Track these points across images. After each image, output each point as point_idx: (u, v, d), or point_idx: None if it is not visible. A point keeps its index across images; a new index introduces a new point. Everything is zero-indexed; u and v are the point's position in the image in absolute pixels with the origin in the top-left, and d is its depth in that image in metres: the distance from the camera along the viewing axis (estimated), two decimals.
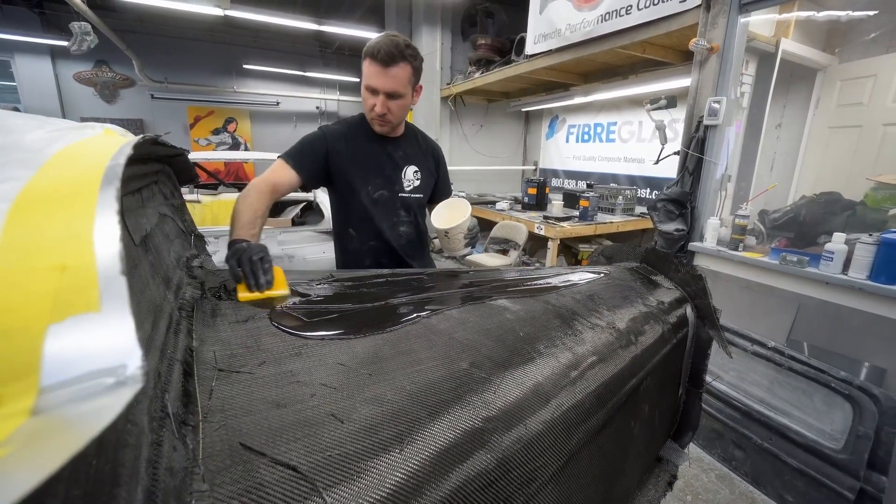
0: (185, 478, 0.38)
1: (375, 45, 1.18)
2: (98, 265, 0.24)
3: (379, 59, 1.18)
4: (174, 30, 7.45)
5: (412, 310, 0.83)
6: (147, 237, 0.69)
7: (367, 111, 1.29)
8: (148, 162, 0.87)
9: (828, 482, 1.64)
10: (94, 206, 0.28)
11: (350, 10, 6.88)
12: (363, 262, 1.39)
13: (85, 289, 0.23)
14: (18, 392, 0.19)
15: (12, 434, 0.18)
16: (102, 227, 0.26)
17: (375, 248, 1.39)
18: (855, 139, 2.92)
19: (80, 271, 0.24)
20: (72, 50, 4.54)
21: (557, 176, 5.86)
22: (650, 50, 3.37)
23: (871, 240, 1.79)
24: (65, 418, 0.19)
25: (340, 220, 1.41)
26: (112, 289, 0.23)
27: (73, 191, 0.30)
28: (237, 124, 8.59)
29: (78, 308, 0.22)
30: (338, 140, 1.32)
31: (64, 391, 0.20)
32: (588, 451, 0.70)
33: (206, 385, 0.52)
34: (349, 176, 1.32)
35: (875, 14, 2.73)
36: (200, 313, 0.71)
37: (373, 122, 1.31)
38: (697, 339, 1.17)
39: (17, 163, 0.33)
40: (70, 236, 0.26)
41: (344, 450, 0.44)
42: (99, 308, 0.23)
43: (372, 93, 1.23)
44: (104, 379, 0.20)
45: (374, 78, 1.21)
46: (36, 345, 0.21)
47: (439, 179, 1.49)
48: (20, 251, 0.24)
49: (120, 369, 0.20)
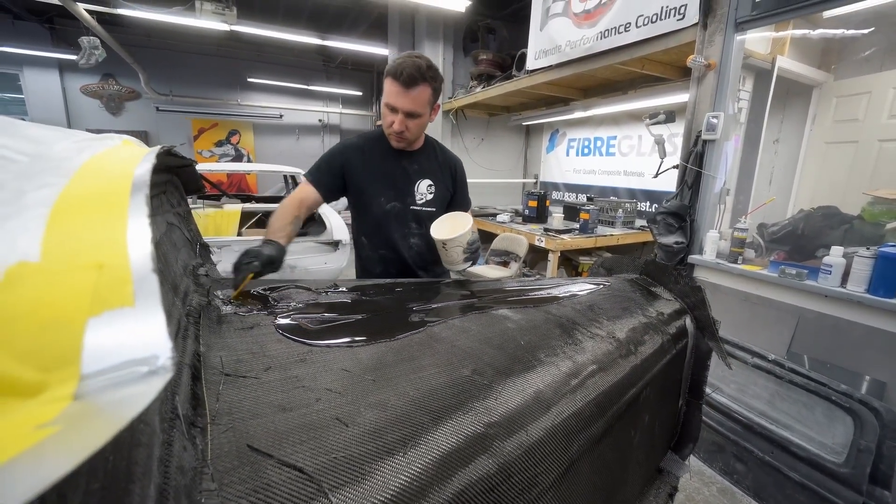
0: (194, 477, 0.39)
1: (399, 66, 1.21)
2: (132, 264, 0.26)
3: (401, 81, 1.21)
4: (180, 44, 7.59)
5: (415, 319, 0.84)
6: (156, 245, 0.71)
7: (386, 126, 1.33)
8: (158, 172, 0.89)
9: (830, 497, 1.63)
10: (125, 210, 0.29)
11: (353, 25, 7.02)
12: (374, 270, 1.46)
13: (120, 285, 0.25)
14: (62, 379, 0.21)
15: (57, 416, 0.19)
16: (135, 229, 0.28)
17: (386, 258, 1.44)
18: (851, 154, 2.96)
19: (116, 269, 0.25)
20: (80, 63, 4.63)
21: (558, 189, 5.91)
22: (649, 66, 3.43)
23: (868, 253, 1.80)
24: (103, 403, 0.20)
25: (356, 228, 1.49)
26: (145, 285, 0.25)
27: (106, 196, 0.31)
28: (240, 136, 8.68)
29: (114, 303, 0.24)
30: (354, 153, 1.39)
31: (102, 378, 0.21)
32: (588, 459, 0.71)
33: (214, 389, 0.53)
34: (363, 187, 1.38)
35: (869, 33, 2.79)
36: (207, 320, 0.73)
37: (390, 137, 1.36)
38: (697, 351, 1.18)
39: (51, 171, 0.35)
40: (106, 237, 0.27)
41: (349, 452, 0.45)
42: (133, 303, 0.24)
43: (391, 110, 1.28)
44: (138, 368, 0.21)
45: (394, 97, 1.25)
46: (77, 336, 0.22)
47: (456, 193, 1.53)
48: (61, 251, 0.26)
49: (152, 359, 0.22)
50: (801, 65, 2.90)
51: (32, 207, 0.29)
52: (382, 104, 1.29)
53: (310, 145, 9.35)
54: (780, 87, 2.84)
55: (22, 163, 0.37)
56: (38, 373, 0.21)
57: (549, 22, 3.80)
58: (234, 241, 3.46)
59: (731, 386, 2.11)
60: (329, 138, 9.42)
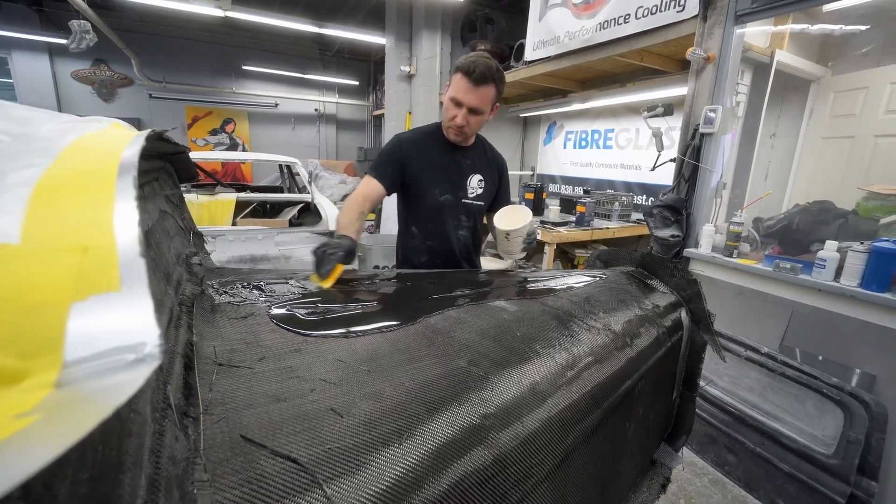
0: (186, 467, 0.38)
1: (472, 63, 1.26)
2: (118, 247, 0.25)
3: (472, 78, 1.26)
4: (174, 30, 7.46)
5: (412, 310, 0.84)
6: (147, 233, 0.70)
7: (447, 120, 1.38)
8: (150, 158, 0.87)
9: (819, 487, 1.66)
10: (112, 192, 0.28)
11: (350, 14, 6.92)
12: (420, 259, 1.51)
13: (106, 269, 0.24)
14: (43, 366, 0.20)
15: (38, 405, 0.18)
16: (122, 212, 0.27)
17: (433, 248, 1.50)
18: (847, 149, 2.96)
19: (102, 252, 0.24)
20: (71, 48, 4.54)
21: (555, 181, 5.89)
22: (648, 58, 3.40)
23: (862, 248, 1.81)
24: (87, 392, 0.19)
25: (407, 218, 1.52)
26: (132, 270, 0.24)
27: (92, 178, 0.30)
28: (235, 125, 8.59)
29: (99, 287, 0.23)
30: (411, 147, 1.44)
31: (86, 366, 0.20)
32: (583, 450, 0.71)
33: (207, 379, 0.52)
34: (419, 179, 1.43)
35: (867, 28, 2.79)
36: (200, 309, 0.72)
37: (448, 131, 1.41)
38: (692, 343, 1.18)
39: (35, 151, 0.34)
40: (91, 219, 0.26)
41: (343, 443, 0.45)
42: (119, 288, 0.23)
43: (456, 105, 1.32)
44: (125, 355, 0.21)
45: (462, 92, 1.29)
46: (60, 322, 0.22)
47: (500, 190, 1.59)
48: (43, 233, 0.25)
49: (139, 346, 0.21)
50: (799, 59, 2.89)
51: (13, 188, 0.27)
52: (447, 98, 1.33)
53: (306, 135, 9.26)
54: (777, 82, 2.83)
55: (4, 142, 0.35)
56: (18, 360, 0.20)
57: (547, 12, 3.76)
58: (228, 231, 3.43)
59: (724, 378, 2.13)
60: (325, 128, 9.33)
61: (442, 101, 5.69)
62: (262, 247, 3.50)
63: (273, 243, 3.55)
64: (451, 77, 1.32)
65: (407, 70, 5.94)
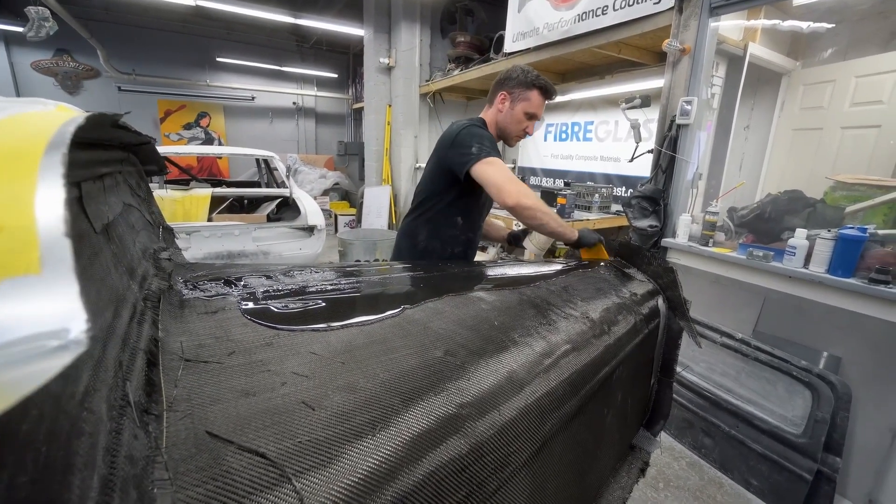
0: (146, 466, 0.36)
1: (548, 83, 1.47)
2: (39, 227, 0.23)
3: (548, 96, 1.49)
4: (143, 19, 7.18)
5: (389, 301, 0.82)
6: (109, 226, 0.67)
7: (518, 130, 1.52)
8: (111, 149, 0.83)
9: (788, 465, 1.72)
10: (36, 168, 0.26)
11: (328, 4, 6.78)
12: (453, 249, 1.57)
13: (23, 251, 0.22)
14: None
15: None
16: (45, 189, 0.25)
17: (467, 240, 1.58)
18: (816, 141, 3.06)
19: (19, 232, 0.22)
20: (28, 36, 4.32)
21: (536, 174, 5.92)
22: (625, 50, 3.44)
23: (829, 236, 1.87)
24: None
25: (450, 210, 1.52)
26: (54, 251, 0.22)
27: (14, 154, 0.28)
28: (210, 119, 8.35)
29: (16, 270, 0.21)
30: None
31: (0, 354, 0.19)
32: (562, 437, 0.71)
33: (172, 375, 0.50)
34: None
35: (833, 26, 2.87)
36: (168, 305, 0.69)
37: (513, 139, 1.55)
38: (669, 330, 1.20)
39: None
40: (8, 197, 0.24)
41: (314, 436, 0.44)
42: (39, 271, 0.21)
43: (530, 118, 1.50)
44: (47, 342, 0.19)
45: (540, 108, 1.50)
46: None
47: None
48: None
49: (63, 332, 0.19)
50: (771, 52, 2.96)
51: None
52: (522, 111, 1.48)
53: (284, 129, 9.07)
54: (751, 74, 2.90)
55: None
56: None
57: (527, 3, 3.75)
58: (203, 227, 3.34)
59: (700, 364, 2.19)
60: (304, 122, 9.16)
61: (422, 92, 5.66)
62: (239, 243, 3.42)
63: (251, 239, 3.47)
64: (523, 92, 1.46)
65: (386, 62, 5.86)
